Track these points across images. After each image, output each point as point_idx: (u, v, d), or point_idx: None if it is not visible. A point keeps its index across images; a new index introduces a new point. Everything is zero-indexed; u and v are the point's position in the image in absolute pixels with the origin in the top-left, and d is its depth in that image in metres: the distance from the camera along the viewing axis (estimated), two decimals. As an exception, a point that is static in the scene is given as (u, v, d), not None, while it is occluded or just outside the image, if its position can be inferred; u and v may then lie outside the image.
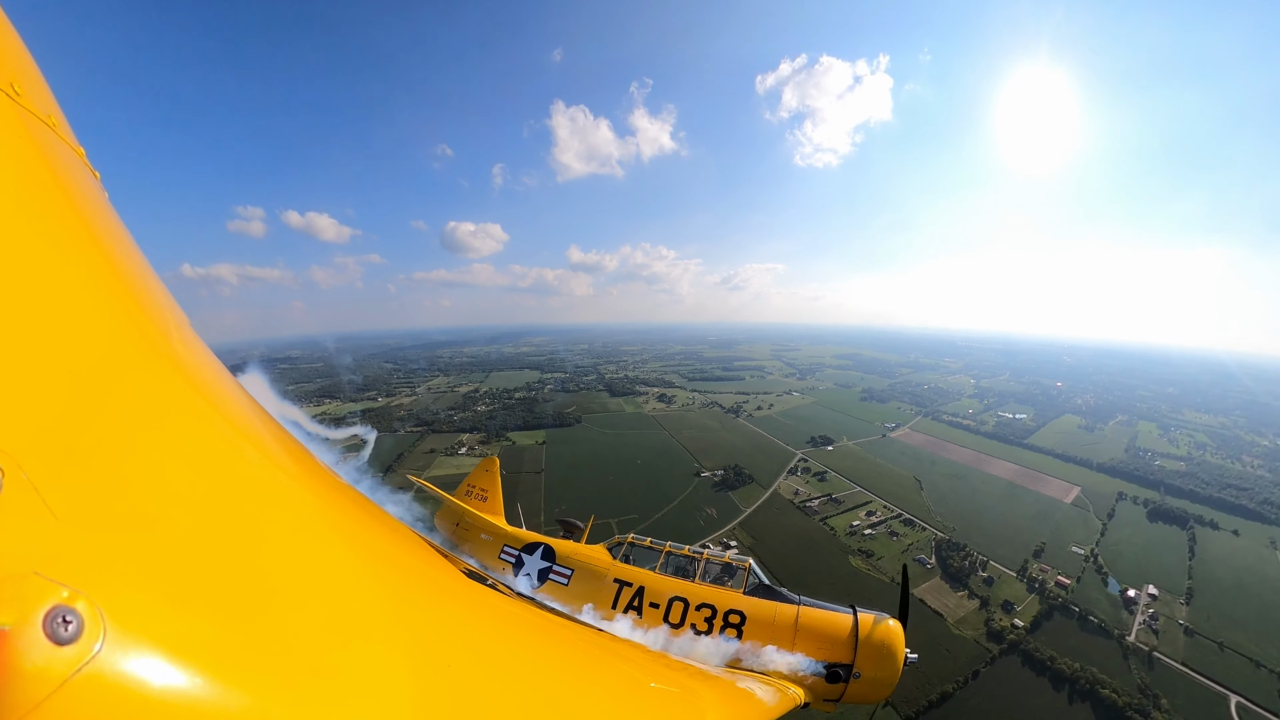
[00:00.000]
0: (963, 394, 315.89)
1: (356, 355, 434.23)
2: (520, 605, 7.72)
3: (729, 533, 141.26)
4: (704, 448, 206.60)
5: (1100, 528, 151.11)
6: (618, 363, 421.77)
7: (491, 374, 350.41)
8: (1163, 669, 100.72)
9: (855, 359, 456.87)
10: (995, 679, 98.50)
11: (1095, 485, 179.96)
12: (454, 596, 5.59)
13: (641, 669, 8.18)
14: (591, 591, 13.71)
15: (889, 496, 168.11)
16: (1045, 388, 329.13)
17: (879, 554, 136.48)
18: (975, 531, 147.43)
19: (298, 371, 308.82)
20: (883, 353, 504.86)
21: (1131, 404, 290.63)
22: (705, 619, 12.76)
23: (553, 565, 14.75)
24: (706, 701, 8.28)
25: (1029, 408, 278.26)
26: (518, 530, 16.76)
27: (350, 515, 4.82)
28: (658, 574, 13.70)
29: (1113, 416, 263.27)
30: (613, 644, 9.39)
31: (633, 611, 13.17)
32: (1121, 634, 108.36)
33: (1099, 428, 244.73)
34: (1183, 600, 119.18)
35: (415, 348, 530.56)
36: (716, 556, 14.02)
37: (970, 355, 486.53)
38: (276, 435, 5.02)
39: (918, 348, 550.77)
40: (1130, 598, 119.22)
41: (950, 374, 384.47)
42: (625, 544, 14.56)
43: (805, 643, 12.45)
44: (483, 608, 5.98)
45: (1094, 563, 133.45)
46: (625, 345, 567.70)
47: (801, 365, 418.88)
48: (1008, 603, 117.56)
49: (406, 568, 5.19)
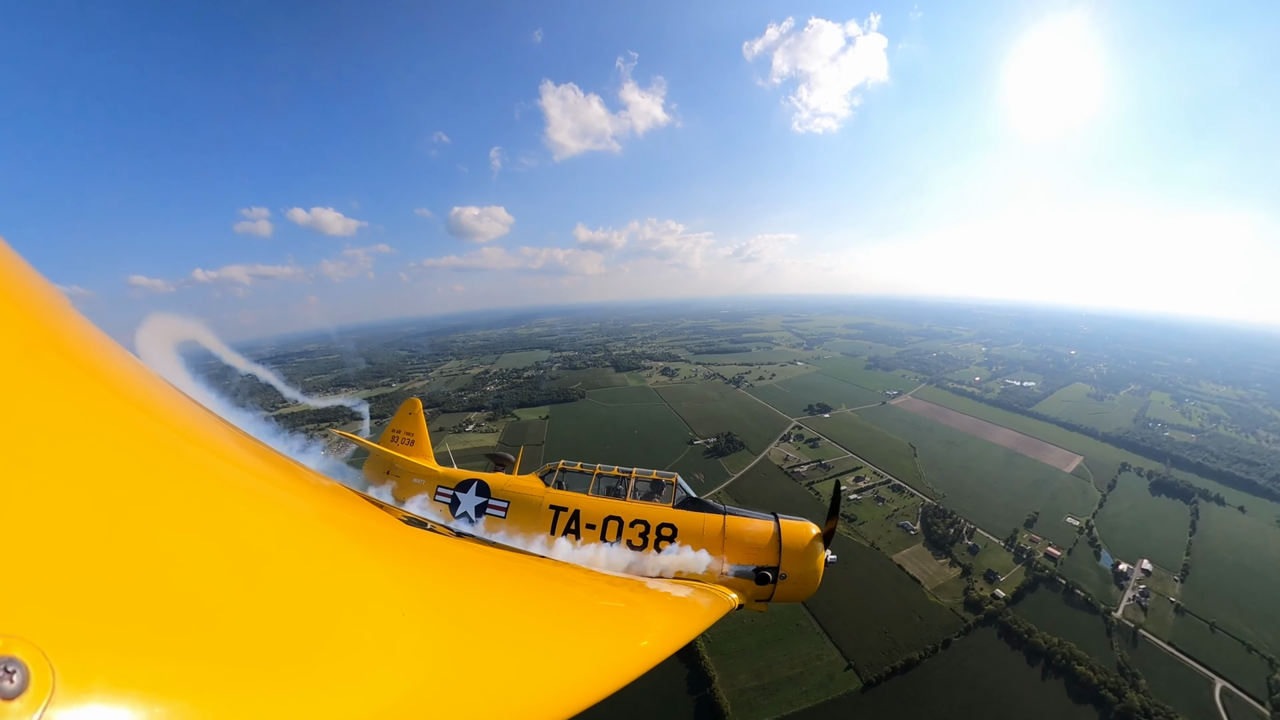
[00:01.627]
0: (971, 361, 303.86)
1: (372, 345, 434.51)
2: (462, 544, 7.23)
3: (714, 498, 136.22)
4: (700, 417, 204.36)
5: (1099, 499, 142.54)
6: (626, 339, 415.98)
7: (502, 356, 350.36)
8: (1147, 648, 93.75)
9: (866, 328, 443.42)
10: (967, 650, 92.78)
11: (1099, 455, 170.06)
12: (397, 545, 5.34)
13: (585, 589, 8.13)
14: (529, 520, 13.66)
15: (880, 463, 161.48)
16: (1058, 356, 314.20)
17: (862, 519, 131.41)
18: (966, 499, 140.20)
19: (314, 364, 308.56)
20: (895, 321, 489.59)
21: (1146, 374, 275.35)
22: (640, 534, 12.90)
23: (488, 500, 14.52)
24: (650, 613, 8.43)
25: (1038, 375, 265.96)
26: (449, 470, 16.26)
27: (281, 485, 4.52)
28: (590, 496, 13.73)
29: (1125, 386, 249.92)
30: (555, 569, 9.18)
31: (570, 535, 13.17)
32: (1108, 609, 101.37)
33: (1109, 397, 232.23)
34: (1177, 577, 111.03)
35: (429, 334, 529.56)
36: (645, 474, 14.06)
37: (985, 323, 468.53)
38: (192, 415, 4.51)
39: (931, 316, 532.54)
40: (1122, 572, 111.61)
41: (962, 342, 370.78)
42: (557, 470, 14.48)
43: (734, 549, 12.73)
44: (427, 552, 5.78)
45: (1088, 535, 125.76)
46: (636, 322, 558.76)
47: (810, 335, 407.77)
48: (991, 572, 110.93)
49: (345, 526, 4.82)
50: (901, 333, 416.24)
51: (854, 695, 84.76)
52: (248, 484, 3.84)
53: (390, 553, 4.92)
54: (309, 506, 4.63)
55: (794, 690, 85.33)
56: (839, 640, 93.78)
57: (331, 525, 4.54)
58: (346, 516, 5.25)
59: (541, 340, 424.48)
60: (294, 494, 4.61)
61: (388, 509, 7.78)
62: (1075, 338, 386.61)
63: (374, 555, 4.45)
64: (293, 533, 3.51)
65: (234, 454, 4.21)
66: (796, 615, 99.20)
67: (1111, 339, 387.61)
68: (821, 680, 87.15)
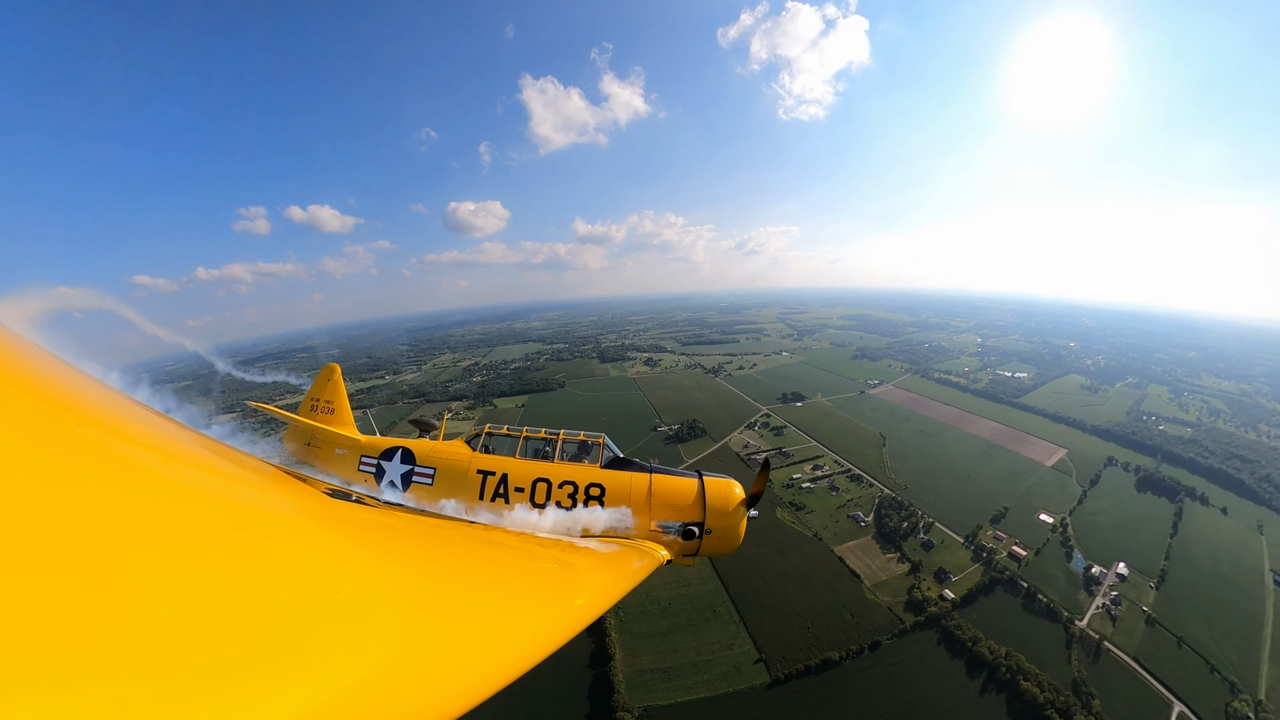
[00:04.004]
0: (964, 352, 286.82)
1: (374, 340, 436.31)
2: (390, 514, 7.02)
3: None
4: (671, 405, 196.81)
5: (1079, 495, 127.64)
6: (619, 332, 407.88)
7: (495, 349, 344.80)
8: (1111, 664, 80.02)
9: (862, 319, 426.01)
10: (899, 654, 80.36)
11: (1085, 449, 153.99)
12: (321, 520, 5.04)
13: (517, 552, 7.94)
14: (457, 486, 12.93)
15: (843, 451, 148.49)
16: (1055, 348, 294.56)
17: (811, 508, 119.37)
18: (930, 492, 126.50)
19: (315, 360, 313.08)
20: (893, 313, 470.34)
21: (1146, 366, 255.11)
22: (569, 495, 12.54)
23: (414, 467, 13.54)
24: (583, 571, 8.26)
25: (1031, 367, 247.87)
26: (373, 438, 14.98)
27: (189, 463, 4.22)
28: (518, 459, 13.06)
29: (1121, 378, 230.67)
30: (486, 533, 8.77)
31: (499, 499, 12.60)
32: (1072, 618, 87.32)
33: (1103, 389, 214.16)
34: (1153, 583, 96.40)
35: (430, 329, 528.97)
36: (572, 435, 13.50)
37: (984, 315, 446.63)
38: (86, 398, 4.12)
39: (932, 308, 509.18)
40: (1094, 576, 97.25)
41: (957, 333, 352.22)
42: (483, 434, 13.67)
43: (661, 507, 12.49)
44: (353, 524, 5.50)
45: (1061, 534, 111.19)
46: (633, 315, 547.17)
47: (803, 327, 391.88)
48: (942, 571, 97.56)
49: (262, 504, 4.52)
50: (897, 324, 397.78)
51: (759, 690, 75.34)
52: (136, 459, 3.37)
53: (315, 529, 4.54)
54: (218, 485, 4.13)
55: (695, 678, 77.58)
56: (756, 631, 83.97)
57: (246, 504, 4.09)
58: (263, 494, 4.81)
59: (537, 334, 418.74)
60: (199, 471, 4.14)
61: (310, 482, 7.04)
62: (1076, 330, 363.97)
63: (297, 533, 4.09)
64: (197, 514, 3.09)
65: (124, 429, 3.82)
66: (716, 602, 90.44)
67: (1113, 332, 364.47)
68: (727, 671, 78.15)
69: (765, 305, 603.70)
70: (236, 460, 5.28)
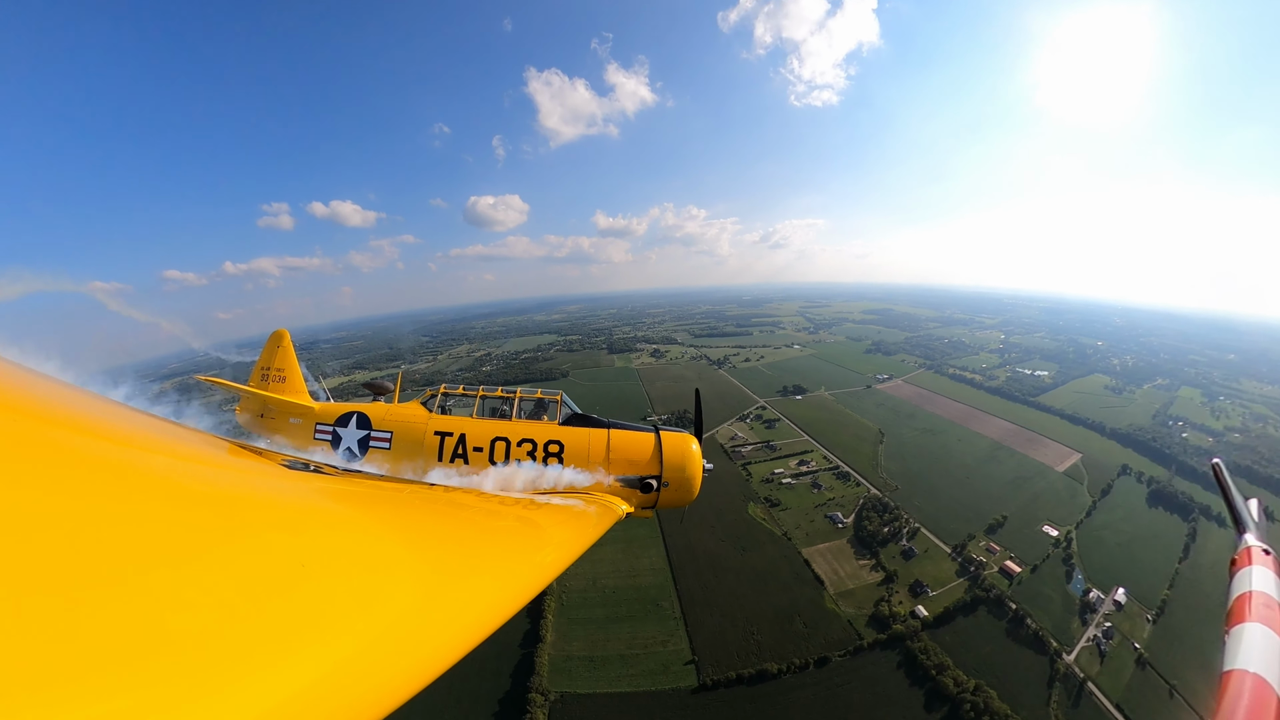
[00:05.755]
0: (984, 348, 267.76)
1: (398, 332, 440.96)
2: (349, 481, 6.77)
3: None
4: (667, 396, 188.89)
5: (1089, 505, 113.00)
6: (634, 324, 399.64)
7: (510, 340, 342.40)
8: (1090, 710, 68.47)
9: (884, 314, 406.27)
10: (848, 674, 70.77)
11: (1101, 454, 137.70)
12: (280, 494, 4.84)
13: (479, 512, 7.75)
14: (415, 449, 12.58)
15: (836, 447, 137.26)
16: (1081, 347, 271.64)
17: (787, 505, 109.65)
18: (922, 495, 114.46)
19: (337, 350, 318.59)
20: (917, 308, 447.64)
21: (1178, 368, 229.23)
22: (528, 453, 12.25)
23: (370, 432, 13.13)
24: (545, 528, 8.20)
25: (1054, 365, 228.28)
26: (327, 405, 14.64)
27: (134, 445, 4.00)
28: (476, 419, 12.75)
29: (1150, 380, 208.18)
30: (447, 495, 8.47)
31: (459, 459, 12.31)
32: (1060, 649, 74.99)
33: (1129, 390, 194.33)
34: (1151, 616, 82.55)
35: (455, 322, 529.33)
36: (529, 393, 13.17)
37: (1011, 312, 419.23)
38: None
39: (958, 304, 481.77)
40: (1090, 602, 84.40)
41: (981, 329, 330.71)
42: (439, 395, 13.26)
43: (619, 461, 12.36)
44: (313, 495, 5.30)
45: (1064, 549, 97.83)
46: (652, 309, 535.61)
47: (822, 320, 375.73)
48: (919, 584, 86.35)
49: (218, 485, 4.23)
50: (919, 319, 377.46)
51: (681, 693, 69.39)
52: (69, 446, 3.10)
53: (275, 502, 4.33)
54: (167, 466, 3.85)
55: (620, 670, 73.76)
56: (695, 630, 77.60)
57: (199, 484, 3.86)
58: (217, 471, 4.59)
59: (555, 326, 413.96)
60: (146, 453, 3.91)
61: (265, 454, 6.87)
62: (1105, 329, 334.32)
63: (256, 509, 3.89)
64: (150, 498, 2.85)
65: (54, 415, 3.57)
66: (660, 595, 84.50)
67: (1145, 332, 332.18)
68: (654, 668, 72.50)
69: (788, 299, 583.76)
70: (185, 439, 5.04)
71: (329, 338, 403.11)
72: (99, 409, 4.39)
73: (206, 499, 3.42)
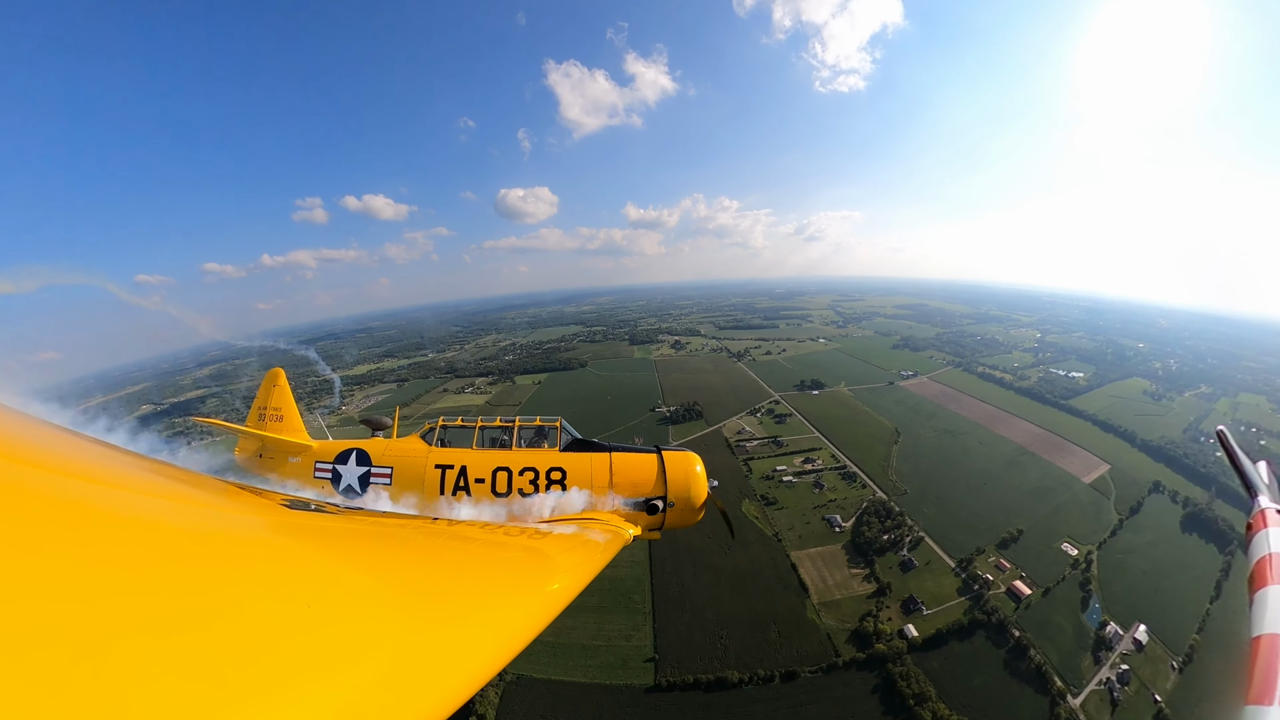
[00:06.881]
0: (1018, 347, 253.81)
1: (431, 322, 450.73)
2: (351, 519, 6.84)
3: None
4: (680, 387, 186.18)
5: (1114, 524, 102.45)
6: (660, 315, 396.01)
7: (536, 330, 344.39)
8: None
9: (917, 309, 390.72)
10: (816, 693, 66.50)
11: (1131, 467, 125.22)
12: (281, 533, 4.86)
13: (485, 544, 7.68)
14: (416, 483, 12.55)
15: (846, 446, 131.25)
16: (1121, 348, 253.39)
17: (784, 504, 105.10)
18: (932, 501, 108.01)
19: (371, 339, 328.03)
20: (952, 304, 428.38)
21: (1228, 375, 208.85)
22: (530, 481, 12.24)
23: (370, 468, 13.07)
24: (554, 556, 8.09)
25: (1090, 366, 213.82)
26: (326, 443, 14.47)
27: (137, 490, 4.04)
28: (476, 450, 12.82)
29: (1193, 387, 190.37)
30: (452, 528, 8.50)
31: (461, 492, 12.30)
32: (1066, 690, 67.45)
33: (1169, 397, 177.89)
34: (1176, 664, 71.62)
35: (487, 312, 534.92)
36: (528, 421, 13.25)
37: (1050, 310, 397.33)
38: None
39: (995, 301, 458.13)
40: (1106, 637, 75.45)
41: (1016, 327, 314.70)
42: (438, 428, 13.32)
43: (623, 485, 12.35)
44: (315, 534, 5.24)
45: (1083, 572, 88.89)
46: (682, 300, 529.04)
47: (853, 315, 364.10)
48: (913, 600, 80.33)
49: (220, 528, 4.19)
50: (953, 315, 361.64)
51: (635, 691, 67.47)
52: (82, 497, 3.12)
53: (277, 543, 4.36)
54: (169, 510, 3.86)
55: (579, 660, 71.87)
56: (661, 628, 75.19)
57: (202, 527, 3.80)
58: (217, 513, 4.53)
59: (583, 317, 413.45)
60: (148, 497, 3.91)
61: (265, 495, 6.67)
62: (1150, 331, 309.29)
63: (259, 550, 3.90)
64: (152, 544, 2.85)
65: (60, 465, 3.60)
66: (634, 588, 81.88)
67: (1192, 335, 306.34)
68: (613, 662, 70.61)
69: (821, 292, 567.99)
70: (186, 481, 5.05)
71: (362, 328, 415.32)
72: (92, 454, 4.28)
73: (206, 542, 3.34)
